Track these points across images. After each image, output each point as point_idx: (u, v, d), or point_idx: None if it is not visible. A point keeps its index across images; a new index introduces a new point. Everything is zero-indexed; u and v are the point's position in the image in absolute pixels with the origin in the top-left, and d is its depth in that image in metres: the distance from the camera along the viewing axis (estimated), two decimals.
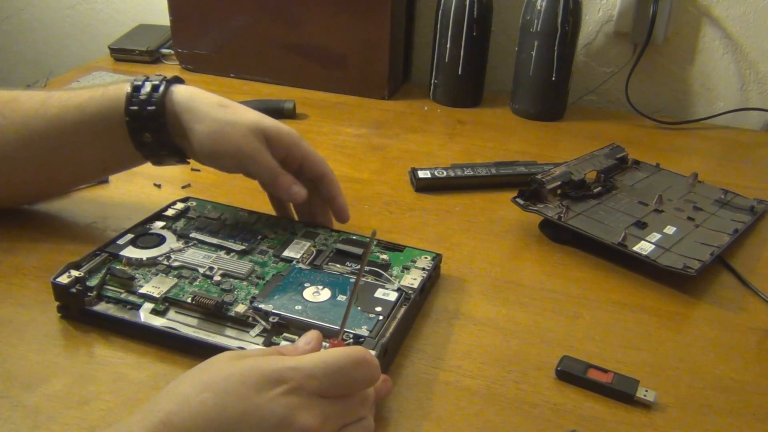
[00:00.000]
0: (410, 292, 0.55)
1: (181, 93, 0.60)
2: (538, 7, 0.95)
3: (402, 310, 0.54)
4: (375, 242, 0.60)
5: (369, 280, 0.56)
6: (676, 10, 1.02)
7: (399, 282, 0.57)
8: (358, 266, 0.58)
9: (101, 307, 0.53)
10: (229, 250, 0.59)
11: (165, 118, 0.59)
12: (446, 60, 1.03)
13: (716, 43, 1.03)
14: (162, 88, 0.59)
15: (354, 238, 0.62)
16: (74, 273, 0.54)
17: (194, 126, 0.59)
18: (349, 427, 0.41)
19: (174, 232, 0.61)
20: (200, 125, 0.59)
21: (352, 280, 0.56)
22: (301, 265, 0.58)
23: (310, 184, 0.63)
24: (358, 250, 0.60)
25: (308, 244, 0.61)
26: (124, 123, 0.59)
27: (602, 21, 1.06)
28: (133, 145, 0.60)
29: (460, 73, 1.03)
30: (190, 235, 0.61)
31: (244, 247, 0.60)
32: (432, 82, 1.07)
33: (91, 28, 1.39)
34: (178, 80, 0.62)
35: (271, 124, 0.60)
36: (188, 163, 0.64)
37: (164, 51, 1.17)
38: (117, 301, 0.54)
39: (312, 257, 0.59)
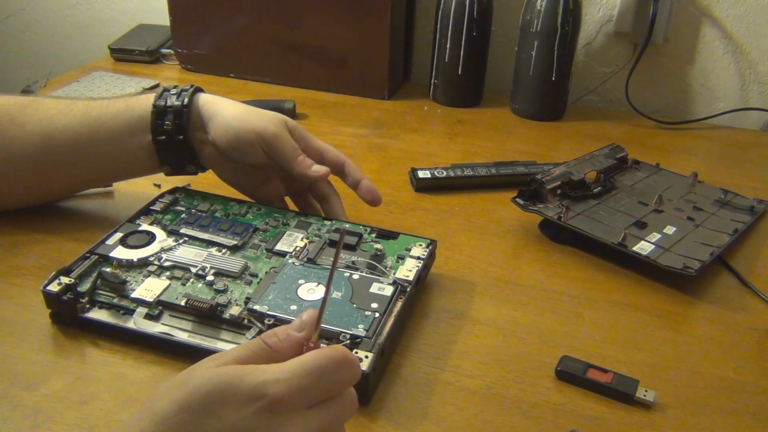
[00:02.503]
0: (406, 284, 0.55)
1: (207, 94, 0.66)
2: (538, 7, 0.95)
3: (399, 304, 0.53)
4: (349, 240, 0.60)
5: (364, 274, 0.56)
6: (676, 10, 1.02)
7: (394, 274, 0.56)
8: (352, 258, 0.58)
9: (94, 314, 0.53)
10: (220, 247, 0.59)
11: (189, 108, 0.63)
12: (446, 60, 1.03)
13: (716, 43, 1.03)
14: (191, 89, 0.65)
15: (347, 226, 0.63)
16: (64, 280, 0.53)
17: (220, 112, 0.63)
18: None
19: (164, 228, 0.61)
20: (226, 111, 0.63)
21: (347, 274, 0.56)
22: (294, 261, 0.57)
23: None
24: (351, 240, 0.60)
25: (301, 235, 0.61)
26: (149, 114, 0.63)
27: (602, 21, 1.06)
28: (151, 136, 0.63)
29: (460, 73, 1.03)
30: (181, 231, 0.61)
31: (236, 242, 0.59)
32: (432, 82, 1.07)
33: (91, 28, 1.39)
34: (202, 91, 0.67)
35: (291, 119, 0.65)
36: (197, 172, 0.67)
37: (164, 51, 1.17)
38: (110, 306, 0.53)
39: (305, 251, 0.59)
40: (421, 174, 0.79)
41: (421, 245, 0.61)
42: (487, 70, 1.07)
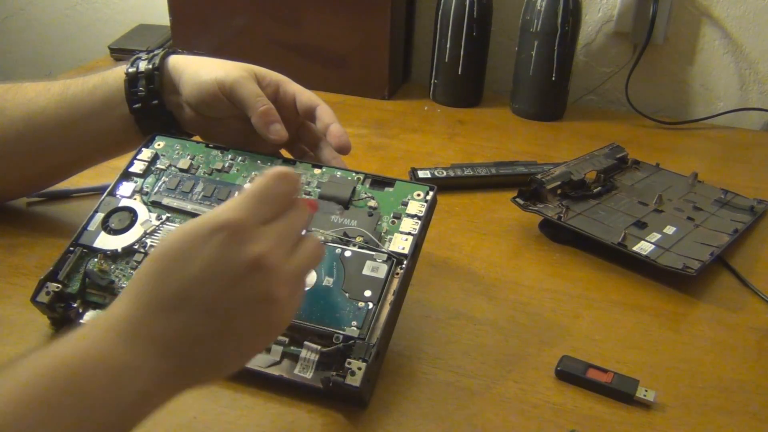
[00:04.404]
0: (402, 258, 0.52)
1: (179, 55, 0.64)
2: (538, 7, 0.95)
3: (395, 283, 0.51)
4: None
5: (356, 249, 0.53)
6: (676, 10, 1.02)
7: (390, 243, 0.54)
8: (344, 226, 0.55)
9: (89, 317, 0.53)
10: None
11: (161, 71, 0.62)
12: (446, 60, 1.03)
13: (716, 43, 1.04)
14: (161, 52, 0.63)
15: (338, 175, 0.59)
16: (52, 287, 0.53)
17: (187, 69, 0.62)
18: (300, 248, 0.42)
19: (144, 200, 0.58)
20: (193, 66, 0.62)
21: (338, 251, 0.53)
22: None
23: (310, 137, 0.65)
24: (344, 194, 0.57)
25: None
26: (123, 84, 0.62)
27: (602, 21, 1.06)
28: (128, 106, 0.62)
29: (460, 73, 1.03)
30: (163, 202, 0.58)
31: None
32: (432, 82, 1.07)
33: (91, 28, 1.39)
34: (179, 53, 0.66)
35: (260, 68, 0.63)
36: (177, 135, 0.65)
37: None
38: (103, 307, 0.53)
39: None
40: (421, 174, 0.79)
41: (419, 195, 0.56)
42: (487, 70, 1.07)
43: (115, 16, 1.36)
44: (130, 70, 0.62)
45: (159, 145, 0.62)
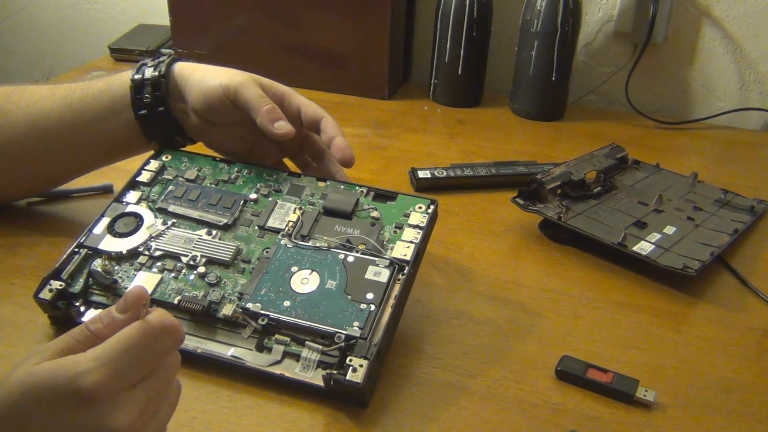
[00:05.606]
0: (404, 265, 0.53)
1: (184, 62, 0.64)
2: (538, 7, 0.95)
3: (396, 289, 0.52)
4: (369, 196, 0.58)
5: (359, 255, 0.54)
6: (676, 10, 1.02)
7: (392, 250, 0.54)
8: (347, 236, 0.56)
9: (90, 317, 0.53)
10: (210, 228, 0.57)
11: (167, 78, 0.62)
12: (446, 60, 1.03)
13: (716, 43, 1.04)
14: (166, 59, 0.63)
15: (342, 188, 0.60)
16: (55, 285, 0.53)
17: (193, 76, 0.61)
18: (165, 403, 0.38)
19: (150, 207, 0.59)
20: (198, 73, 0.62)
21: (341, 256, 0.54)
22: (286, 242, 0.56)
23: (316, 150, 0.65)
24: (347, 206, 0.58)
25: (294, 206, 0.58)
26: (128, 90, 0.62)
27: (602, 21, 1.06)
28: (133, 112, 0.62)
29: (460, 73, 1.03)
30: (169, 209, 0.59)
31: (226, 220, 0.57)
32: (432, 82, 1.07)
33: (91, 28, 1.39)
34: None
35: (266, 79, 0.62)
36: (185, 144, 0.66)
37: (164, 51, 1.16)
38: (105, 307, 0.53)
39: (298, 227, 0.57)
40: (421, 174, 0.79)
41: (420, 207, 0.58)
42: (487, 70, 1.07)
43: (115, 16, 1.36)
44: (136, 76, 0.62)
45: (167, 157, 0.63)
